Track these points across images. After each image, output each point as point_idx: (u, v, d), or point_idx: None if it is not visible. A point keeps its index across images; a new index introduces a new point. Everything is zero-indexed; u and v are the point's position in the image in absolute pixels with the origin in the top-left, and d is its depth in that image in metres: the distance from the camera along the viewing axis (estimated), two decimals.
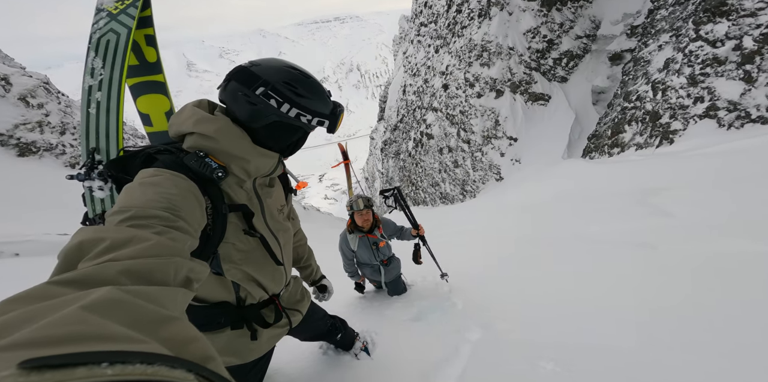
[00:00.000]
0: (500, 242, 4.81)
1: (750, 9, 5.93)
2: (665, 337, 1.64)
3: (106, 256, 0.49)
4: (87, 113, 1.60)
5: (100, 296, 0.36)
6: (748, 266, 2.08)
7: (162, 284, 0.50)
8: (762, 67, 5.34)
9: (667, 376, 1.40)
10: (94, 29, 1.70)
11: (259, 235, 1.02)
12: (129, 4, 1.72)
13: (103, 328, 0.31)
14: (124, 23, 1.68)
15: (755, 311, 1.64)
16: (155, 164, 0.84)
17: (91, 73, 1.62)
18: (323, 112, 0.97)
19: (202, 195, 0.84)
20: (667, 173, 5.26)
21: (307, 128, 1.02)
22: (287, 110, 0.92)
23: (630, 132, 7.84)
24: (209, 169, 0.86)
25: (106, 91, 1.60)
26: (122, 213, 0.63)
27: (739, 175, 3.96)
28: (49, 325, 0.29)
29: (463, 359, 1.83)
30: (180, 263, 0.56)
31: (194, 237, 0.71)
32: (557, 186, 7.86)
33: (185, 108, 0.95)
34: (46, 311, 0.32)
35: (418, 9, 21.77)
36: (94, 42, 1.66)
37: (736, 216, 2.97)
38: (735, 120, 5.50)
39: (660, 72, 7.29)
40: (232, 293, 1.08)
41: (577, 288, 2.47)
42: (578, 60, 12.99)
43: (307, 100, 0.94)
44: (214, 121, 0.90)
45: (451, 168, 17.01)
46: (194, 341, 0.38)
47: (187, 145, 0.90)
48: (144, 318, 0.37)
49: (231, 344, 1.11)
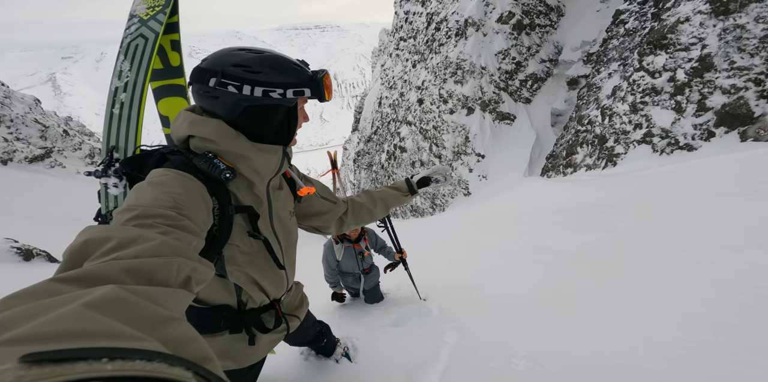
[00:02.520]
0: (469, 253, 5.16)
1: (685, 43, 6.44)
2: (618, 333, 1.86)
3: (111, 255, 0.49)
4: (110, 113, 1.66)
5: (102, 293, 0.36)
6: (682, 274, 2.36)
7: (163, 283, 0.50)
8: (690, 99, 5.80)
9: (623, 363, 1.61)
10: (126, 34, 1.77)
11: (262, 237, 1.01)
12: (159, 11, 1.78)
13: (104, 325, 0.31)
14: (152, 28, 1.75)
15: (686, 311, 1.90)
16: (166, 164, 0.86)
17: (118, 75, 1.69)
18: (294, 81, 0.91)
19: (210, 196, 0.85)
20: (611, 192, 5.68)
21: (285, 103, 0.95)
22: (250, 91, 0.88)
23: (581, 154, 8.28)
24: (217, 170, 0.85)
25: (130, 92, 1.66)
26: (129, 212, 0.64)
27: (669, 195, 4.40)
28: (52, 321, 0.30)
29: (444, 360, 1.95)
30: (183, 263, 0.56)
31: (200, 237, 0.71)
32: (519, 202, 8.33)
33: (179, 113, 0.94)
34: (48, 308, 0.32)
35: (398, 24, 22.35)
36: (124, 46, 1.73)
37: (668, 230, 3.33)
38: (666, 146, 5.93)
39: (608, 98, 7.77)
40: (234, 296, 1.06)
41: (539, 294, 2.71)
42: (541, 83, 13.63)
43: (267, 74, 0.89)
44: (208, 123, 0.89)
45: None
46: (193, 342, 0.39)
47: (193, 147, 0.91)
48: (144, 317, 0.37)
49: (229, 348, 1.10)
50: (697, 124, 5.58)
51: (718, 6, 5.96)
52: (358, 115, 29.44)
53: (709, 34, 6.01)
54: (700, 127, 5.54)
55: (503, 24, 13.85)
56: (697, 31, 6.20)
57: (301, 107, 1.01)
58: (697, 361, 1.45)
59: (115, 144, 1.60)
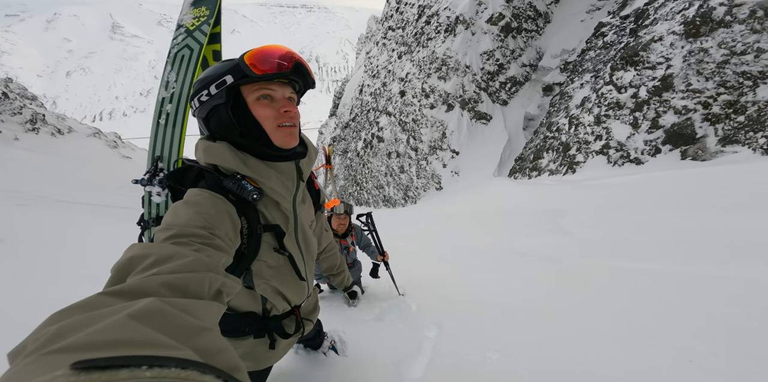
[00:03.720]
0: (442, 250, 5.39)
1: (653, 62, 6.80)
2: (574, 330, 2.13)
3: (151, 270, 0.54)
4: (157, 123, 1.68)
5: (143, 305, 0.39)
6: (625, 280, 2.75)
7: (197, 296, 0.55)
8: (646, 116, 6.20)
9: (580, 355, 1.87)
10: (173, 44, 1.78)
11: (287, 253, 1.05)
12: (203, 21, 1.81)
13: (145, 335, 0.34)
14: (197, 39, 1.77)
15: (630, 313, 2.23)
16: (200, 183, 0.90)
17: (165, 86, 1.71)
18: (215, 74, 0.87)
19: (239, 216, 0.88)
20: (569, 198, 6.07)
21: (218, 100, 0.88)
22: (197, 105, 0.91)
23: (547, 159, 8.67)
24: (246, 192, 0.88)
25: (175, 103, 1.68)
26: (167, 230, 0.69)
27: (618, 205, 4.82)
28: (99, 331, 0.33)
29: (426, 353, 2.10)
30: (214, 278, 0.60)
31: (229, 254, 0.76)
32: (488, 201, 8.71)
33: (196, 144, 0.95)
34: (97, 319, 0.36)
35: (389, 12, 22.13)
36: (171, 56, 1.75)
37: (615, 239, 3.72)
38: (619, 159, 6.35)
39: (577, 108, 8.15)
40: (260, 304, 1.12)
41: (508, 293, 2.96)
42: (519, 86, 14.01)
43: (199, 82, 0.91)
44: (218, 149, 0.89)
45: (396, 173, 17.48)
46: (223, 352, 0.42)
47: (222, 169, 0.91)
48: (181, 327, 0.40)
49: (251, 351, 1.17)
50: (648, 140, 6.00)
51: (690, 28, 6.28)
52: (338, 100, 29.17)
53: (676, 54, 6.37)
54: (649, 143, 5.97)
55: (492, 25, 14.05)
56: (666, 51, 6.55)
57: (253, 98, 0.88)
58: (635, 353, 1.79)
59: (160, 154, 1.65)
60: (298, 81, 0.94)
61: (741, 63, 5.50)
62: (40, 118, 16.32)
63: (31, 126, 15.45)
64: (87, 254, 4.88)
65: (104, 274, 0.57)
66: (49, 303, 0.95)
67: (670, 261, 2.90)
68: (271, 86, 0.88)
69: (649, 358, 1.74)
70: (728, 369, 1.55)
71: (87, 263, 4.24)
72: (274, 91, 0.89)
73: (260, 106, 0.88)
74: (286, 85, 0.92)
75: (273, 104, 0.89)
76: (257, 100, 0.88)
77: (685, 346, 1.77)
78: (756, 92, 5.19)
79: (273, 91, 0.89)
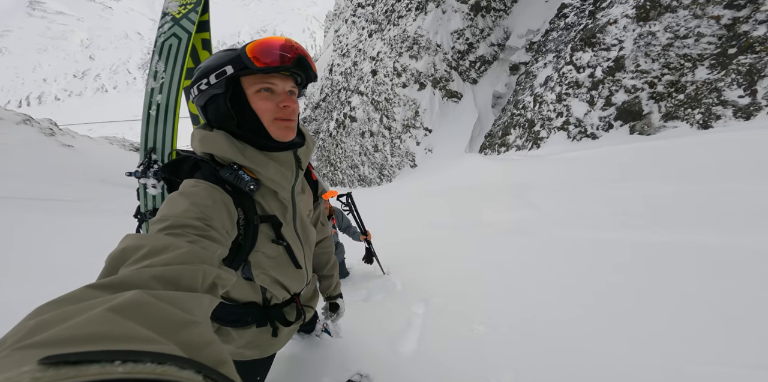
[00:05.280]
0: (418, 226, 5.58)
1: (608, 44, 7.36)
2: (544, 297, 2.36)
3: (144, 262, 0.53)
4: (147, 114, 1.65)
5: (126, 298, 0.38)
6: (594, 249, 3.00)
7: (190, 288, 0.53)
8: (601, 94, 6.83)
9: (551, 318, 2.10)
10: (159, 33, 1.73)
11: (285, 243, 1.04)
12: (191, 9, 1.74)
13: (125, 329, 0.33)
14: (185, 28, 1.71)
15: (591, 279, 2.49)
16: (196, 174, 0.89)
17: (154, 76, 1.67)
18: (217, 64, 0.86)
19: (236, 207, 0.87)
20: (535, 172, 6.48)
21: (217, 90, 0.88)
22: (196, 93, 0.92)
23: (514, 135, 9.27)
24: (242, 182, 0.87)
25: (166, 93, 1.64)
26: (162, 222, 0.69)
27: (579, 177, 5.24)
28: (76, 325, 0.31)
29: (417, 328, 2.22)
30: (208, 270, 0.59)
31: (225, 246, 0.74)
32: (461, 177, 8.93)
33: (192, 133, 0.95)
34: (77, 312, 0.34)
35: None
36: (158, 46, 1.70)
37: (577, 209, 4.01)
38: (578, 134, 7.00)
39: (541, 87, 8.71)
40: (260, 294, 1.13)
41: (486, 266, 3.14)
42: (488, 65, 14.46)
43: (199, 71, 0.90)
44: (215, 138, 0.89)
45: (371, 152, 17.74)
46: (210, 345, 0.40)
47: (218, 159, 0.91)
48: (165, 321, 0.38)
49: (255, 339, 1.17)
50: (602, 117, 6.66)
51: (641, 12, 6.84)
52: None
53: (628, 37, 6.95)
54: (603, 120, 6.62)
55: (462, 3, 14.23)
56: (620, 34, 7.12)
57: (253, 90, 0.88)
58: (611, 320, 2.02)
59: (153, 145, 1.64)
60: (300, 74, 0.93)
61: (683, 46, 6.15)
62: None
63: None
64: (36, 254, 4.54)
65: (60, 273, 0.63)
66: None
67: (626, 229, 3.22)
68: (271, 79, 0.87)
69: (623, 323, 1.94)
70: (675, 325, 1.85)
71: (39, 263, 4.06)
72: (275, 85, 0.88)
73: (259, 99, 0.87)
74: (287, 78, 0.91)
75: (273, 97, 0.88)
76: (257, 93, 0.87)
77: (654, 307, 2.00)
78: (695, 73, 5.87)
79: (273, 84, 0.88)
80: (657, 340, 1.78)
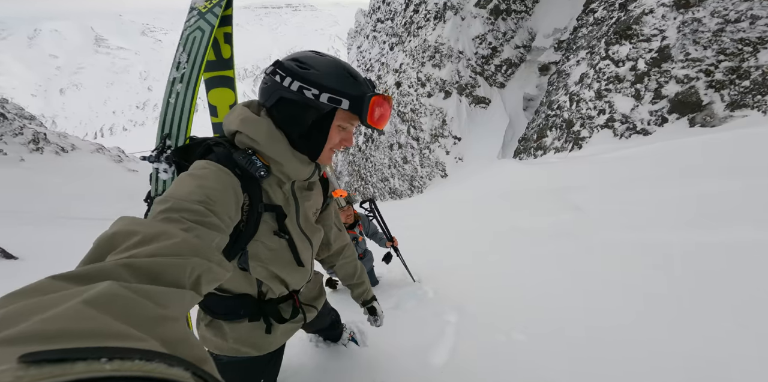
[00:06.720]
0: (452, 235, 5.38)
1: (647, 35, 6.90)
2: (594, 304, 2.13)
3: (131, 251, 0.50)
4: (167, 102, 1.73)
5: (100, 290, 0.36)
6: (643, 252, 2.67)
7: (173, 283, 0.50)
8: (648, 87, 6.33)
9: (604, 327, 1.89)
10: (186, 26, 1.81)
11: (287, 237, 1.03)
12: (215, 4, 1.81)
13: (103, 324, 0.31)
14: (209, 21, 1.79)
15: (646, 282, 2.22)
16: (209, 156, 0.88)
17: (177, 66, 1.74)
18: (335, 88, 0.87)
19: (243, 192, 0.87)
20: (577, 174, 6.08)
21: (317, 106, 0.90)
22: (289, 84, 0.88)
23: (551, 137, 8.81)
24: (254, 167, 0.88)
25: (185, 83, 1.71)
26: (164, 203, 0.67)
27: (628, 177, 4.81)
28: (51, 319, 0.29)
29: (450, 338, 2.07)
30: (198, 263, 0.56)
31: (224, 233, 0.72)
32: (494, 184, 8.57)
33: (236, 108, 0.96)
34: (48, 305, 0.32)
35: (376, 5, 22.00)
36: (183, 38, 1.78)
37: (629, 210, 3.64)
38: (625, 131, 6.49)
39: (576, 85, 8.25)
40: (255, 287, 1.10)
41: (522, 273, 2.91)
42: (515, 68, 14.08)
43: (313, 74, 0.88)
44: (257, 123, 0.90)
45: (400, 164, 17.60)
46: (188, 342, 0.39)
47: (237, 142, 0.93)
48: (142, 316, 0.37)
49: (249, 335, 1.14)
50: (653, 111, 6.14)
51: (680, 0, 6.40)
52: None
53: (669, 26, 6.48)
54: (655, 114, 6.10)
55: (481, 8, 14.06)
56: (659, 23, 6.65)
57: (338, 124, 0.94)
58: (662, 333, 1.79)
59: (168, 132, 1.70)
60: None
61: (737, 30, 5.60)
62: (41, 137, 16.42)
63: (35, 146, 15.57)
64: None
65: None
66: None
67: (686, 230, 2.82)
68: (354, 122, 0.96)
69: (676, 334, 1.72)
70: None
71: None
72: (352, 126, 0.98)
73: (336, 132, 0.95)
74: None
75: (343, 134, 0.97)
76: (338, 126, 0.94)
77: (711, 320, 1.75)
78: (758, 57, 5.30)
79: (352, 126, 0.97)
80: (721, 351, 1.53)
